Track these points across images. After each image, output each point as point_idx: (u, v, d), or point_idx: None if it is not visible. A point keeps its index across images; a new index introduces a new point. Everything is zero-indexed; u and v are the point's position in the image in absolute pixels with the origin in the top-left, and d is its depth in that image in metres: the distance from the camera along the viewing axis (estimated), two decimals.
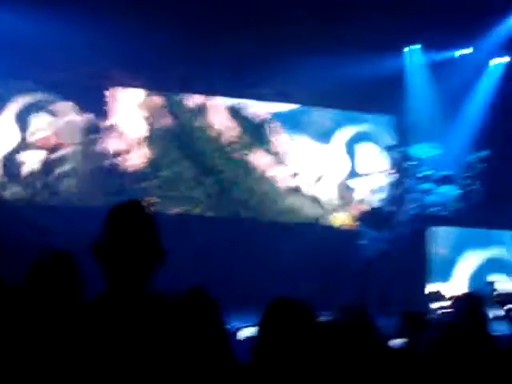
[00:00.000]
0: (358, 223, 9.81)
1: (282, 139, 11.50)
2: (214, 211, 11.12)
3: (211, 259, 9.90)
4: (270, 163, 11.41)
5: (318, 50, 10.28)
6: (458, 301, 3.48)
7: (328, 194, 11.47)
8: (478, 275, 9.91)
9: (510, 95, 10.96)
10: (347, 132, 11.70)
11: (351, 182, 11.46)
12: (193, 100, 11.26)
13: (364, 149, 11.71)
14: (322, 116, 11.69)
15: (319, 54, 10.25)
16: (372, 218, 9.53)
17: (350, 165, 11.60)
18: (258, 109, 11.51)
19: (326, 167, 11.53)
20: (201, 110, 11.28)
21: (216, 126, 11.31)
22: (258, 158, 11.38)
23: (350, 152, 11.66)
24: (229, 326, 2.74)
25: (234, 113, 11.44)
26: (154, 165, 10.94)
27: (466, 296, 3.63)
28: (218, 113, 11.39)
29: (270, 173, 11.36)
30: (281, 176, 11.38)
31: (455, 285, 9.69)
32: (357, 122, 11.79)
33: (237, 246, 10.23)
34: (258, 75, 10.80)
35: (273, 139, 11.48)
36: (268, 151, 11.44)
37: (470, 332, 3.10)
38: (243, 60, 10.56)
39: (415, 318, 3.41)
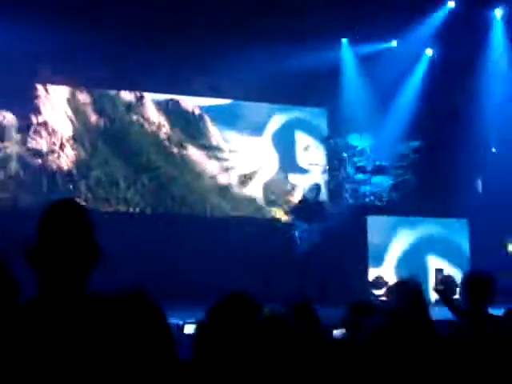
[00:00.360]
0: (291, 216, 9.81)
1: (215, 134, 11.41)
2: (151, 209, 10.93)
3: (150, 256, 9.77)
4: (205, 158, 11.31)
5: (250, 43, 10.25)
6: (397, 287, 3.50)
7: (263, 187, 11.48)
8: (414, 256, 10.10)
9: (438, 85, 11.23)
10: (281, 124, 11.71)
11: (285, 175, 11.51)
12: (124, 96, 11.06)
13: (298, 141, 11.77)
14: (255, 110, 11.65)
15: (251, 47, 10.22)
16: (304, 210, 9.55)
17: (285, 157, 11.63)
18: (190, 103, 11.39)
19: (260, 160, 11.53)
20: (132, 106, 11.09)
21: (149, 122, 11.14)
22: (193, 154, 11.27)
23: (284, 144, 11.69)
24: (171, 322, 2.66)
25: (166, 108, 11.29)
26: (84, 165, 10.64)
27: (404, 282, 3.66)
28: (149, 109, 11.21)
29: (205, 168, 11.26)
30: (216, 171, 11.29)
31: (395, 270, 9.85)
32: (290, 115, 11.81)
33: (176, 243, 10.11)
34: (189, 70, 10.72)
35: (206, 134, 11.38)
36: (202, 146, 11.34)
37: (411, 319, 3.12)
38: (174, 55, 10.43)
39: (362, 308, 3.40)
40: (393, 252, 10.10)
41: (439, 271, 3.98)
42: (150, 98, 11.22)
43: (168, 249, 9.99)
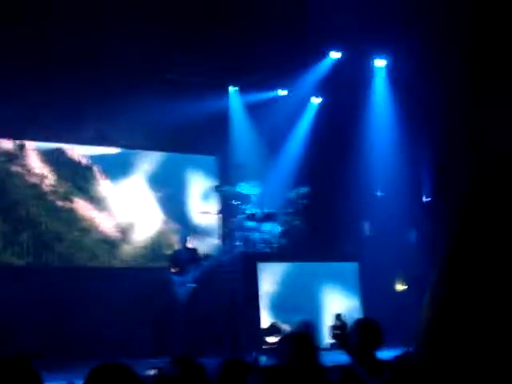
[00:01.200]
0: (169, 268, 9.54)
1: (104, 185, 10.95)
2: (35, 266, 10.14)
3: (35, 315, 9.23)
4: (94, 211, 10.76)
5: (139, 91, 10.15)
6: (285, 339, 3.41)
7: (155, 238, 11.20)
8: (307, 301, 10.09)
9: (325, 133, 11.52)
10: (171, 174, 11.53)
11: (176, 225, 11.32)
12: (2, 145, 10.27)
13: (190, 190, 11.64)
14: (145, 159, 11.41)
15: (140, 96, 10.12)
16: (177, 260, 9.41)
17: (176, 206, 11.46)
18: (77, 153, 10.85)
19: (151, 211, 11.26)
20: (12, 156, 10.33)
21: (31, 174, 10.37)
22: (81, 207, 10.67)
23: (176, 194, 11.52)
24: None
25: (52, 158, 10.63)
26: None
27: (294, 334, 3.58)
28: (32, 159, 10.45)
29: (94, 222, 10.69)
30: (106, 224, 10.81)
31: (288, 316, 9.77)
32: (181, 164, 11.68)
33: (66, 299, 9.61)
34: (77, 117, 10.35)
35: (95, 186, 10.88)
36: (91, 199, 10.78)
37: (300, 371, 3.02)
38: (59, 101, 10.03)
39: (237, 365, 3.26)
40: (285, 298, 10.08)
41: (337, 316, 3.95)
42: (32, 146, 10.50)
43: (53, 305, 9.46)
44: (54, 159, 10.69)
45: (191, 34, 9.58)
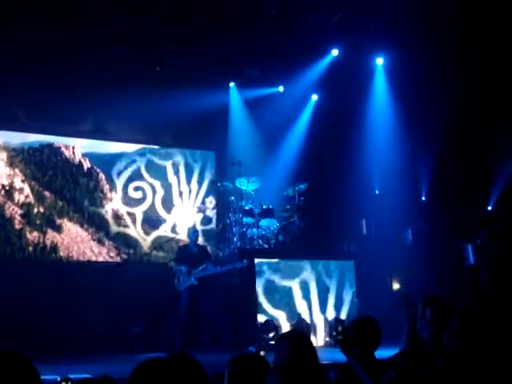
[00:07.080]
0: (175, 262, 9.45)
1: (108, 195, 10.23)
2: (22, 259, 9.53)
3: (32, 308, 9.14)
4: (91, 238, 9.42)
5: (139, 85, 10.08)
6: (283, 338, 3.39)
7: (154, 236, 11.06)
8: (303, 297, 10.07)
9: (323, 129, 11.48)
10: (171, 169, 11.45)
11: (174, 221, 11.26)
12: None
13: (188, 184, 11.58)
14: (147, 157, 11.20)
15: (141, 90, 10.05)
16: (185, 254, 9.31)
17: (173, 201, 11.39)
18: (73, 153, 10.01)
19: (148, 206, 11.12)
20: None
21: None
22: (73, 232, 9.10)
23: (174, 188, 11.45)
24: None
25: (38, 158, 9.16)
26: None
27: (290, 333, 3.56)
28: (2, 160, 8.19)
29: (87, 252, 9.39)
30: (103, 251, 9.90)
31: (285, 312, 9.76)
32: (179, 159, 11.59)
33: (62, 293, 9.51)
34: (72, 110, 10.14)
35: (96, 197, 10.05)
36: (89, 218, 9.57)
37: (297, 370, 3.01)
38: (55, 91, 9.78)
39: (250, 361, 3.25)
40: (281, 294, 10.06)
41: (339, 321, 3.94)
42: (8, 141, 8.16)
43: (43, 297, 9.28)
44: (42, 159, 9.05)
45: (191, 29, 9.52)
